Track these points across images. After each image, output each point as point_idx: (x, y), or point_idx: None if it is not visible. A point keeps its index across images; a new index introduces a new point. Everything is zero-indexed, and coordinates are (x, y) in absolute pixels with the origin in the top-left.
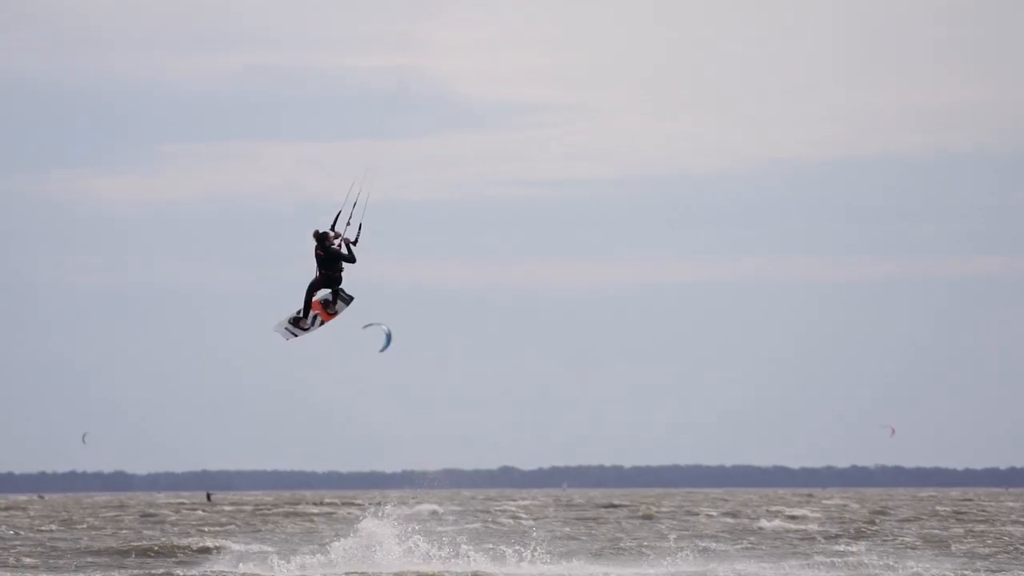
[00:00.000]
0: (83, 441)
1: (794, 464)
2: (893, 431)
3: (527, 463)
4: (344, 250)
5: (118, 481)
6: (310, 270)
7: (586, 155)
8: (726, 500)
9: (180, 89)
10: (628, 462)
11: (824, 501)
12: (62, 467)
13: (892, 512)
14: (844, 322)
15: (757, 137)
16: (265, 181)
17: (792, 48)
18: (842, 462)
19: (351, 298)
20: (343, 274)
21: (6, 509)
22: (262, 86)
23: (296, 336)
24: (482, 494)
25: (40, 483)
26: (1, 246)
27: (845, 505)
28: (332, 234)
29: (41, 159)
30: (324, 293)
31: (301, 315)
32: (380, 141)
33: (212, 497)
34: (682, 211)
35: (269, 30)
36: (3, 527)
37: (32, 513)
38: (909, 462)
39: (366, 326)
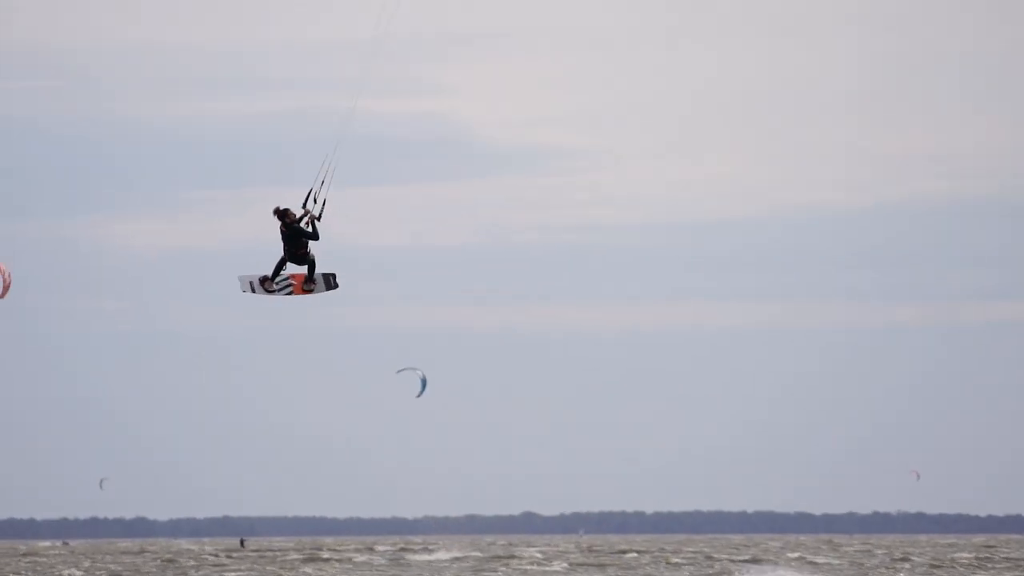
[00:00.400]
0: (100, 487)
1: (816, 510)
2: (918, 476)
3: (548, 508)
4: (308, 227)
5: (140, 527)
6: (333, 317)
7: (610, 200)
8: (747, 546)
9: (203, 135)
10: (649, 508)
11: (845, 548)
12: (84, 513)
13: (915, 559)
14: (866, 367)
15: (782, 183)
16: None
17: (815, 94)
18: (864, 508)
19: (335, 285)
20: (312, 252)
21: (27, 555)
22: (284, 131)
23: (254, 292)
24: (503, 539)
25: (62, 529)
26: (25, 290)
27: (868, 551)
28: (302, 211)
29: (66, 204)
30: (315, 271)
31: (270, 276)
32: (352, 108)
33: (245, 543)
34: (706, 256)
35: (291, 75)
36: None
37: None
38: (931, 508)
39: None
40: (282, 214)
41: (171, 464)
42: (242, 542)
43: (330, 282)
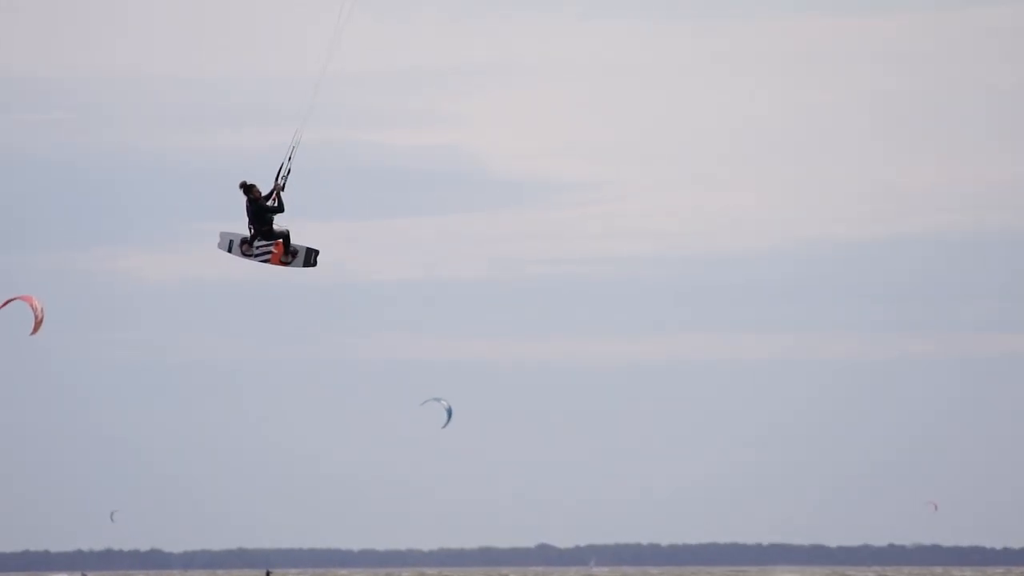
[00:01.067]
0: (111, 519)
1: (831, 542)
2: (936, 507)
3: (563, 541)
4: (275, 201)
5: (155, 559)
6: (347, 348)
7: (623, 232)
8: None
9: (216, 165)
10: (665, 540)
11: None
12: (98, 545)
13: None
14: (882, 398)
15: (796, 216)
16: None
17: (830, 127)
18: (879, 540)
19: (314, 263)
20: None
21: None
22: (295, 163)
23: (229, 252)
24: (517, 571)
25: (77, 561)
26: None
27: None
28: (277, 185)
29: (79, 237)
30: (295, 244)
31: (251, 239)
32: (323, 77)
33: (272, 574)
34: (719, 288)
35: (299, 106)
36: None
37: None
38: (947, 541)
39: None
40: (247, 188)
41: (186, 496)
42: (268, 573)
43: (310, 258)
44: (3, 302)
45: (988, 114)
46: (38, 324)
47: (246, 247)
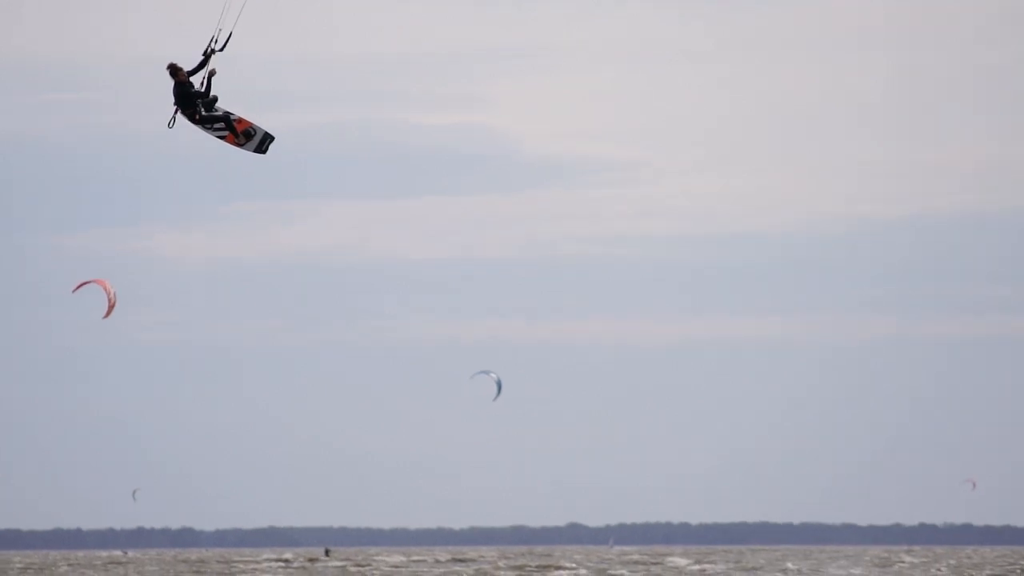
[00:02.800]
0: (134, 498)
1: (862, 522)
2: (974, 485)
3: (594, 520)
4: (203, 86)
5: (186, 537)
6: (381, 330)
7: (653, 213)
8: (806, 558)
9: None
10: (695, 519)
11: (899, 562)
12: (129, 523)
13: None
14: (914, 376)
15: (829, 195)
16: (329, 239)
17: (865, 107)
18: (911, 520)
19: (264, 151)
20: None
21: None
22: (325, 143)
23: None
24: (545, 550)
25: (107, 539)
26: (73, 304)
27: (930, 562)
28: (202, 60)
29: (107, 217)
30: (257, 127)
31: (216, 104)
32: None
33: (331, 552)
34: (752, 268)
35: (334, 87)
36: None
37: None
38: (979, 520)
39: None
40: (174, 71)
41: (217, 475)
42: (327, 551)
43: (264, 145)
44: (77, 285)
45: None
46: (111, 308)
47: (208, 112)
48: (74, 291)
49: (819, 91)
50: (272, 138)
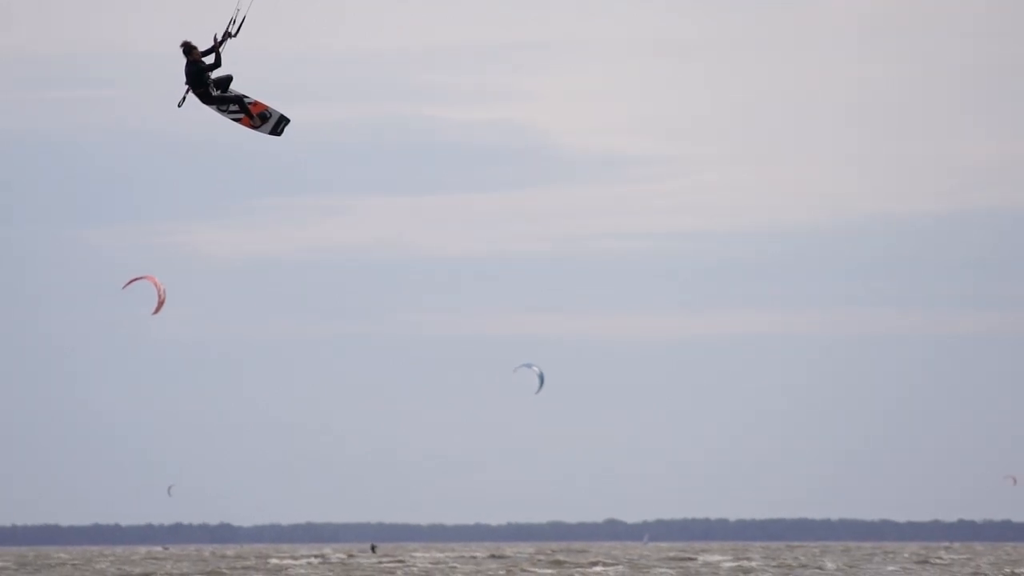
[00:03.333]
0: (169, 494)
1: (900, 518)
2: (1015, 481)
3: (631, 515)
4: (211, 59)
5: (223, 533)
6: (410, 325)
7: (688, 208)
8: (847, 551)
9: (281, 142)
10: (733, 515)
11: (937, 560)
12: (167, 519)
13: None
14: (948, 374)
15: (863, 190)
16: (363, 235)
17: (897, 100)
18: (949, 516)
19: (280, 132)
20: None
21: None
22: (359, 139)
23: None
24: (583, 546)
25: (147, 534)
26: (110, 296)
27: (969, 559)
28: (217, 42)
29: (138, 211)
30: (272, 109)
31: (231, 85)
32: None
33: (376, 548)
34: (786, 262)
35: (367, 81)
36: None
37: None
38: (1019, 516)
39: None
40: (188, 49)
41: (254, 470)
42: (373, 547)
43: (279, 127)
44: (127, 282)
45: None
46: (160, 304)
47: (221, 91)
48: (124, 287)
49: (856, 83)
50: (287, 120)
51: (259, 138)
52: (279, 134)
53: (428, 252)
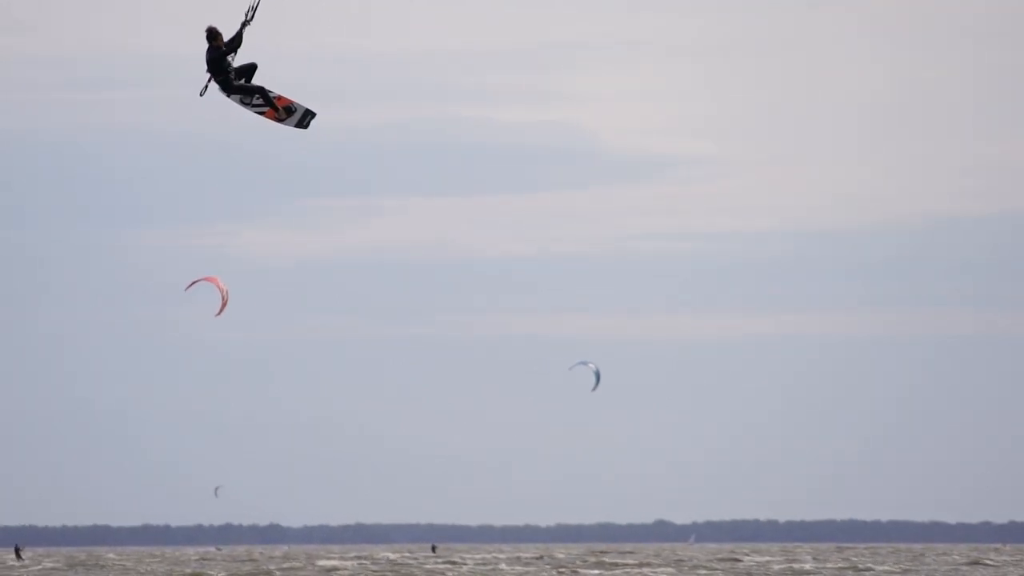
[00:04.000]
0: (216, 495)
1: (950, 519)
2: None
3: (681, 516)
4: (236, 38)
5: (273, 534)
6: (461, 326)
7: (733, 209)
8: (895, 552)
9: (327, 142)
10: (782, 517)
11: (988, 561)
12: (217, 519)
13: None
14: (999, 375)
15: (907, 191)
16: (408, 236)
17: (944, 101)
18: (999, 517)
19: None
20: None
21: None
22: (405, 140)
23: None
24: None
25: (196, 535)
26: (159, 297)
27: (1022, 560)
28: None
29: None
30: (297, 104)
31: (254, 73)
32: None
33: (437, 548)
34: (832, 265)
35: (413, 82)
36: None
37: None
38: None
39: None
40: (212, 36)
41: (304, 471)
42: (433, 548)
43: (305, 120)
44: (190, 283)
45: None
46: (224, 305)
47: (244, 84)
48: (187, 289)
49: (902, 84)
50: (313, 114)
51: (305, 140)
52: (305, 127)
53: (474, 253)
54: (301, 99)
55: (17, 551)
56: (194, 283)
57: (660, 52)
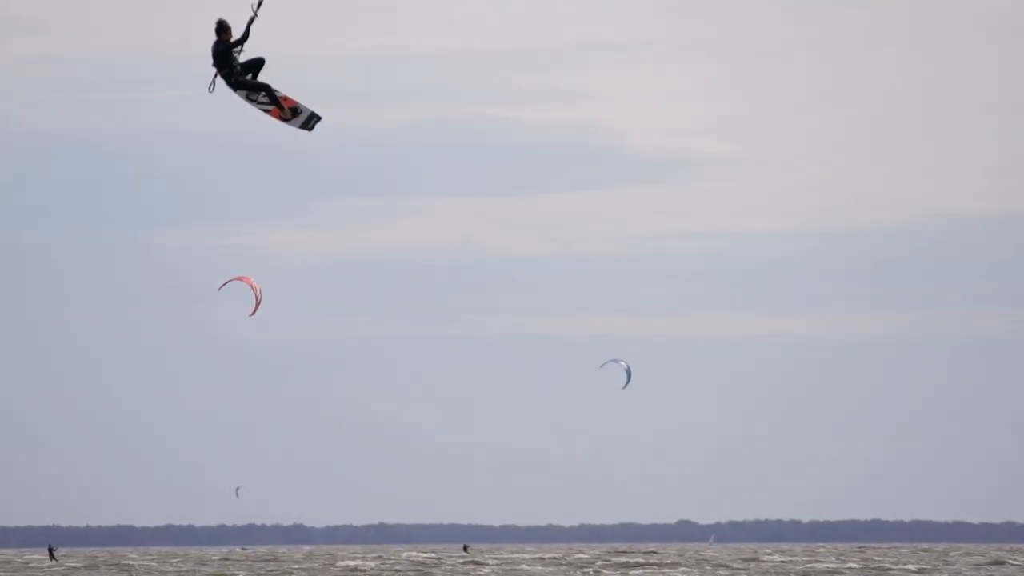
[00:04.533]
0: (236, 495)
1: (973, 519)
2: None
3: (703, 516)
4: (241, 34)
5: (296, 534)
6: (484, 324)
7: (758, 209)
8: (916, 551)
9: (352, 142)
10: (805, 517)
11: (1013, 562)
12: (240, 520)
13: None
14: (1017, 376)
15: (935, 191)
16: (433, 235)
17: (970, 100)
18: (1023, 517)
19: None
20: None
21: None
22: (430, 140)
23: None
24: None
25: (219, 535)
26: (183, 298)
27: None
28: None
29: (216, 211)
30: (303, 106)
31: (261, 68)
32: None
33: (469, 548)
34: (858, 264)
35: (438, 83)
36: None
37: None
38: None
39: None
40: (221, 28)
41: (327, 472)
42: (465, 547)
43: (310, 123)
44: (223, 283)
45: None
46: (258, 304)
47: (252, 80)
48: (220, 289)
49: (929, 83)
50: (319, 117)
51: (330, 140)
52: (310, 129)
53: (500, 253)
54: (327, 99)
55: (51, 551)
56: (227, 283)
57: (686, 52)
